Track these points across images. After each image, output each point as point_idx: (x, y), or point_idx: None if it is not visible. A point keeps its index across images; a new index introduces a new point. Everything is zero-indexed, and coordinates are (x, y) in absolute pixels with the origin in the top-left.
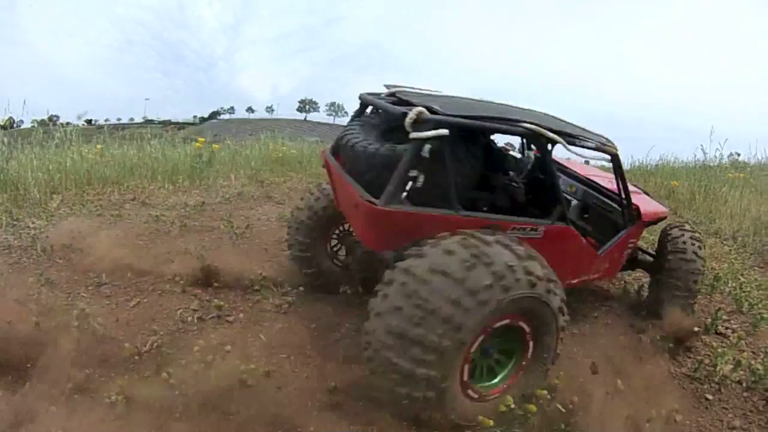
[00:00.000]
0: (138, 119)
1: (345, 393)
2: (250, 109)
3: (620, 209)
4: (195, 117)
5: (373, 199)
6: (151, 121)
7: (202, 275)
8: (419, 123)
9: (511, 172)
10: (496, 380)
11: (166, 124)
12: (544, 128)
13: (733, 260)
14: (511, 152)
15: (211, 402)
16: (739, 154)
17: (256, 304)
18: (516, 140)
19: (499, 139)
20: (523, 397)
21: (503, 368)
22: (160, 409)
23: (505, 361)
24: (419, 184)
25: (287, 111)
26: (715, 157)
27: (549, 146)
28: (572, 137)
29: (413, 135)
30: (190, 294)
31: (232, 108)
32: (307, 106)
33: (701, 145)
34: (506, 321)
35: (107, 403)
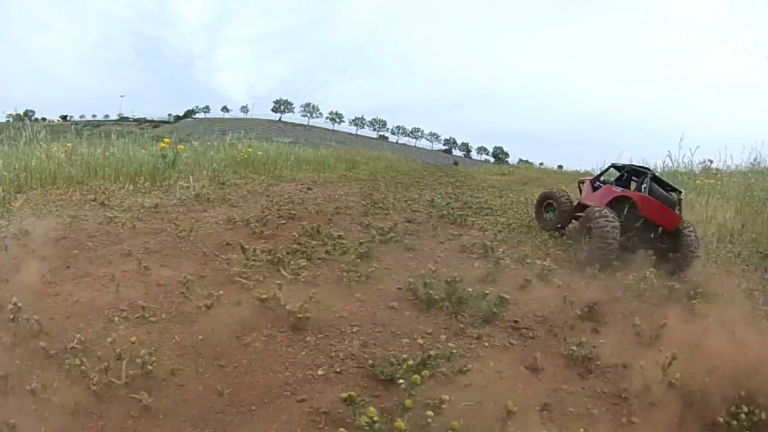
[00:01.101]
0: (113, 116)
1: (247, 395)
2: (225, 109)
3: None
4: (170, 115)
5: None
6: (126, 119)
7: (137, 277)
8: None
9: None
10: None
11: (141, 121)
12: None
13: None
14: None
15: (118, 396)
16: (711, 161)
17: (178, 306)
18: None
19: None
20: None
21: None
22: (71, 397)
23: None
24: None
25: (262, 111)
26: (684, 163)
27: None
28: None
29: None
30: (122, 295)
31: (207, 107)
32: (282, 107)
33: (668, 152)
34: None
35: (27, 389)
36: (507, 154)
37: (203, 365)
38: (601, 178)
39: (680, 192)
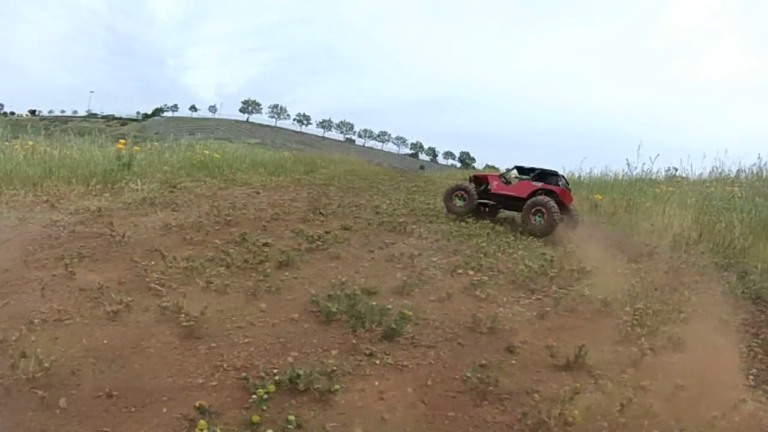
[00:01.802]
0: (82, 112)
1: (132, 398)
2: (193, 108)
3: None
4: (138, 113)
5: None
6: (94, 115)
7: (63, 281)
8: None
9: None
10: None
11: (109, 118)
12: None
13: (639, 281)
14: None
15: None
16: (676, 169)
17: (91, 311)
18: None
19: None
20: None
21: None
22: None
23: None
24: None
25: (230, 111)
26: (644, 171)
27: None
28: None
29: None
30: (47, 298)
31: (175, 105)
32: (250, 108)
33: (626, 160)
34: None
35: None
36: (473, 159)
37: (101, 367)
38: (510, 175)
39: (568, 182)
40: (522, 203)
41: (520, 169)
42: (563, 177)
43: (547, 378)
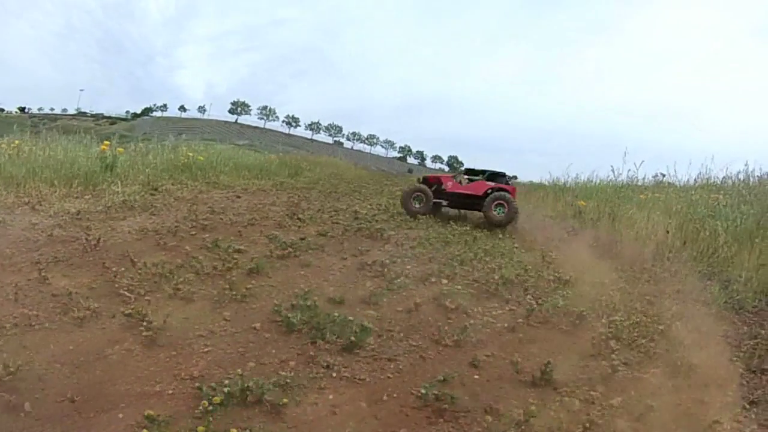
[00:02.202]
0: (72, 110)
1: (93, 403)
2: (182, 108)
3: None
4: (128, 112)
5: None
6: (84, 113)
7: (37, 286)
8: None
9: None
10: None
11: (98, 117)
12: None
13: (618, 290)
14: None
15: None
16: (664, 175)
17: (61, 316)
18: None
19: None
20: None
21: None
22: None
23: None
24: None
25: (219, 111)
26: (630, 177)
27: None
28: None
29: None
30: (20, 303)
31: (164, 105)
32: (239, 109)
33: (611, 166)
34: None
35: None
36: (461, 163)
37: (66, 373)
38: (462, 177)
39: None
40: (476, 200)
41: (470, 171)
42: (508, 176)
43: (509, 395)
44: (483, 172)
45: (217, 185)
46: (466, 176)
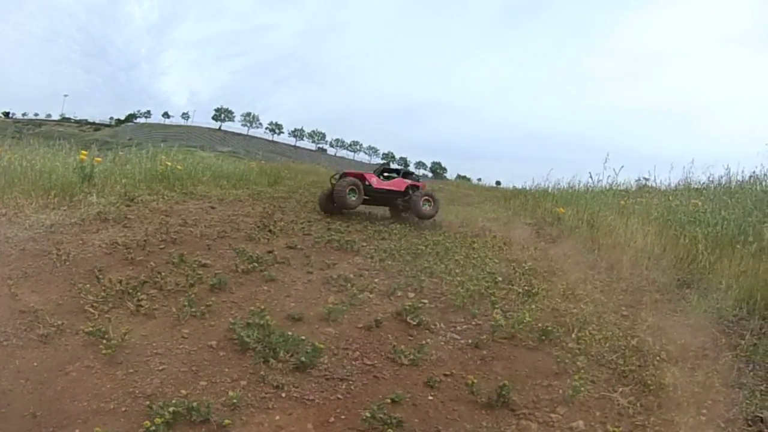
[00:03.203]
0: (56, 116)
1: (53, 419)
2: (166, 114)
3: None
4: (111, 119)
5: None
6: (68, 119)
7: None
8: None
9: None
10: None
11: (82, 123)
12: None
13: (592, 302)
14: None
15: None
16: (647, 179)
17: (27, 333)
18: None
19: None
20: None
21: None
22: None
23: None
24: None
25: (203, 118)
26: (609, 183)
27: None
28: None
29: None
30: None
31: (148, 112)
32: (223, 116)
33: (589, 173)
34: None
35: None
36: (445, 169)
37: (29, 389)
38: (384, 174)
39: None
40: (396, 195)
41: (387, 170)
42: (416, 174)
43: (463, 418)
44: (398, 170)
45: (194, 195)
46: (384, 173)
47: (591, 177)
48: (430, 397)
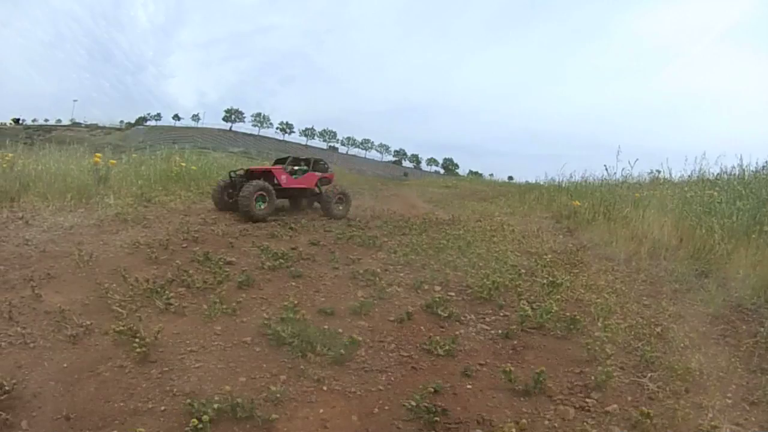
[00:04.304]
0: (66, 121)
1: (87, 422)
2: (176, 117)
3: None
4: (122, 122)
5: None
6: (78, 124)
7: (30, 303)
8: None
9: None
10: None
11: (92, 127)
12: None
13: (614, 292)
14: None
15: None
16: (659, 171)
17: (55, 334)
18: None
19: None
20: None
21: None
22: None
23: None
24: None
25: (213, 120)
26: (624, 176)
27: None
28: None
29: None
30: (14, 320)
31: (158, 114)
32: (233, 116)
33: (605, 166)
34: None
35: None
36: (457, 166)
37: (61, 391)
38: (293, 167)
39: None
40: (308, 192)
41: (295, 161)
42: (326, 163)
43: (503, 405)
44: (307, 160)
45: (210, 195)
46: (294, 167)
47: (606, 170)
48: (469, 386)
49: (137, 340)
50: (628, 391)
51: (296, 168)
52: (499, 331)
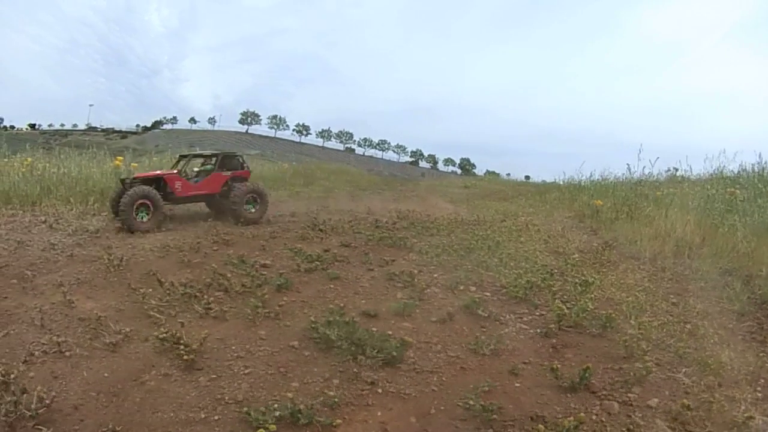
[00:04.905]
0: (82, 125)
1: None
2: (192, 120)
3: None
4: (138, 126)
5: None
6: (94, 128)
7: (62, 310)
8: None
9: None
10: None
11: (109, 131)
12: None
13: (642, 291)
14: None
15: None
16: (677, 169)
17: (91, 342)
18: None
19: None
20: None
21: None
22: None
23: None
24: None
25: (229, 122)
26: (645, 173)
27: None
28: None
29: None
30: (46, 328)
31: (174, 118)
32: (249, 119)
33: (627, 164)
34: None
35: None
36: (473, 165)
37: (103, 401)
38: (191, 168)
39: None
40: (215, 197)
41: (199, 157)
42: (240, 157)
43: (551, 401)
44: (214, 155)
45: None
46: (195, 168)
47: (629, 169)
48: (517, 384)
49: (182, 346)
50: (665, 385)
51: (198, 169)
52: (538, 330)
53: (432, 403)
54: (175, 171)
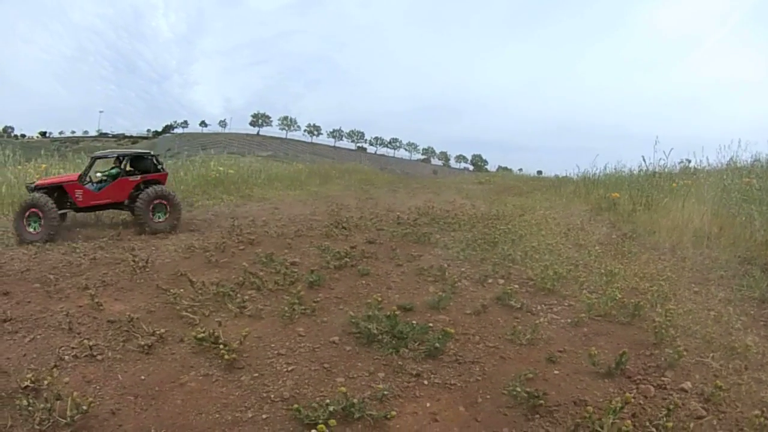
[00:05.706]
0: (92, 132)
1: None
2: (203, 123)
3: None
4: (149, 130)
5: None
6: (105, 134)
7: (90, 312)
8: None
9: None
10: None
11: (120, 137)
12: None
13: (665, 280)
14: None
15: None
16: (689, 161)
17: (124, 344)
18: None
19: None
20: None
21: None
22: None
23: None
24: None
25: (240, 125)
26: (661, 166)
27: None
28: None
29: None
30: (75, 332)
31: (185, 122)
32: (260, 121)
33: (642, 157)
34: None
35: None
36: (486, 162)
37: (141, 405)
38: (94, 174)
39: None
40: (121, 206)
41: (101, 157)
42: (153, 156)
43: (591, 387)
44: (122, 157)
45: (252, 198)
46: (99, 172)
47: (644, 161)
48: (556, 372)
49: (222, 346)
50: (695, 369)
51: (100, 173)
52: (569, 320)
53: (477, 392)
54: (77, 177)
